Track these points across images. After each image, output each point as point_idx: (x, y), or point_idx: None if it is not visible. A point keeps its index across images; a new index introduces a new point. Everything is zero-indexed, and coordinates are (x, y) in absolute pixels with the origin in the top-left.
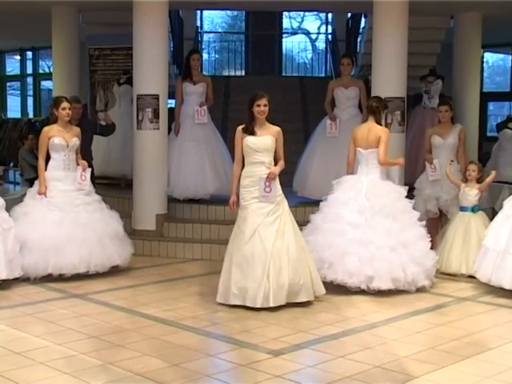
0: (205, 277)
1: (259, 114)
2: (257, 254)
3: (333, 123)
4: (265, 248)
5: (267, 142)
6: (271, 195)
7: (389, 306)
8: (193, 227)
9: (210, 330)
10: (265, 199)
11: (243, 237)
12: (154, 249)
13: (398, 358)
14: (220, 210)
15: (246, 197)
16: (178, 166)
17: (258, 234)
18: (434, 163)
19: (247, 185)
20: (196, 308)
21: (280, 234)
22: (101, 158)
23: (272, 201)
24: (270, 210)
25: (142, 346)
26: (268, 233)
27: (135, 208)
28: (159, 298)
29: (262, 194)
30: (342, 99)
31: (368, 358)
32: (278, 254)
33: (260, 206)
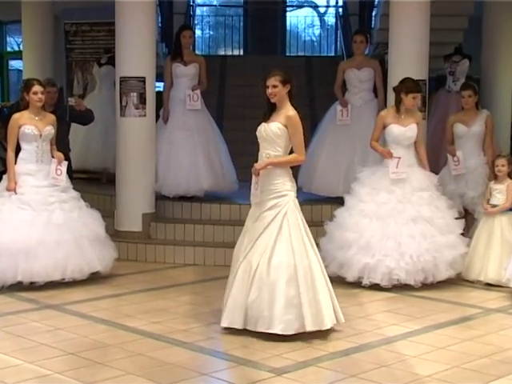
0: (198, 284)
1: (270, 97)
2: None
3: (344, 109)
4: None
5: (271, 130)
6: (257, 194)
7: (407, 317)
8: (184, 228)
9: (203, 346)
10: (252, 198)
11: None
12: (140, 253)
13: (419, 378)
14: (215, 209)
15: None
16: (168, 159)
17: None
18: (457, 155)
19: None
20: (188, 320)
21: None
22: (79, 149)
23: (257, 200)
24: (260, 213)
25: (126, 364)
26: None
27: (118, 206)
28: (146, 309)
29: (252, 192)
30: (354, 82)
31: (384, 377)
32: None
33: (255, 208)
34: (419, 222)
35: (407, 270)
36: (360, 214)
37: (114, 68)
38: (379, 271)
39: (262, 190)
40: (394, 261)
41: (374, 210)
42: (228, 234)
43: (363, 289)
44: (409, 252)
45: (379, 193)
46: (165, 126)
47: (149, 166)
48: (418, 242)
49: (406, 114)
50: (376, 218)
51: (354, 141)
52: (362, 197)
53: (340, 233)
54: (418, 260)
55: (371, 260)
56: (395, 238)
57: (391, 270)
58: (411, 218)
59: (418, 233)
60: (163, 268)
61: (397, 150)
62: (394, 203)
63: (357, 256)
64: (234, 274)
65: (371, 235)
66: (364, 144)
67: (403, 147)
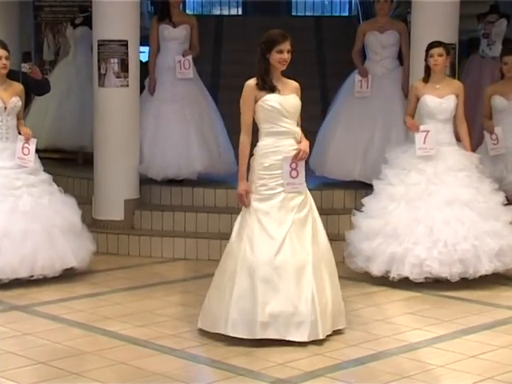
0: (189, 282)
1: (280, 64)
2: (293, 265)
3: (363, 80)
4: (303, 258)
5: (297, 103)
6: (299, 182)
7: (433, 321)
8: (173, 217)
9: (196, 353)
10: (291, 188)
11: (272, 242)
12: (122, 245)
13: None
14: (209, 194)
15: (271, 183)
16: (155, 137)
17: (290, 238)
18: (495, 133)
19: (272, 166)
20: (178, 324)
21: (315, 238)
22: (50, 124)
23: (299, 190)
24: (299, 203)
25: (105, 375)
26: (303, 236)
27: (97, 191)
28: (129, 311)
29: (286, 181)
30: (375, 47)
31: None
32: (318, 265)
33: (287, 197)
34: (455, 206)
35: (441, 261)
36: (388, 199)
37: (90, 30)
38: (408, 262)
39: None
40: (424, 249)
41: (402, 193)
42: (224, 224)
43: (382, 287)
44: (442, 239)
45: (409, 173)
46: (151, 98)
47: (132, 145)
48: (454, 228)
49: (443, 84)
50: (404, 201)
51: (374, 116)
52: (390, 179)
53: (366, 222)
54: (453, 249)
55: (399, 249)
56: (426, 223)
57: (422, 261)
58: (445, 201)
59: (453, 218)
60: (149, 263)
61: (431, 125)
62: (425, 184)
63: (383, 245)
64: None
65: (398, 220)
66: (386, 120)
67: (438, 122)
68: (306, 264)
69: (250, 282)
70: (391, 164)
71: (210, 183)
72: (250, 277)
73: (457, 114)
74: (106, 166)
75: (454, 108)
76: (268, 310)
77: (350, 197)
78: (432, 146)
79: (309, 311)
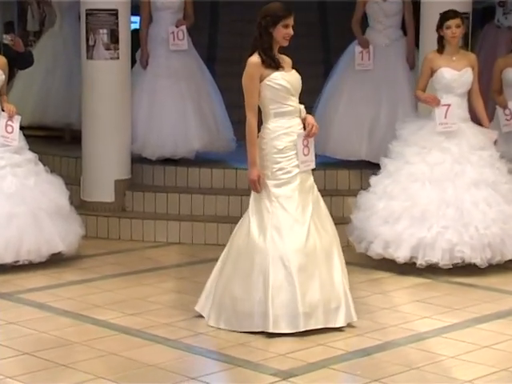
0: (184, 268)
1: (285, 40)
2: (322, 249)
3: (364, 51)
4: (327, 240)
5: (299, 79)
6: (311, 159)
7: (443, 309)
8: (167, 198)
9: (191, 343)
10: (304, 167)
11: (300, 227)
12: (113, 229)
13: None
14: (205, 174)
15: (287, 167)
16: (149, 113)
17: (313, 221)
18: (509, 107)
19: (286, 148)
20: (172, 312)
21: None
22: (35, 100)
23: (312, 166)
24: (312, 183)
25: (95, 366)
26: (321, 217)
27: (85, 171)
28: (120, 299)
29: (300, 159)
30: (378, 16)
31: (414, 383)
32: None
33: (303, 179)
34: (482, 187)
35: (472, 246)
36: (409, 179)
37: None
38: (438, 247)
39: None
40: (456, 234)
41: (426, 173)
42: (221, 206)
43: (389, 273)
44: (473, 223)
45: (430, 152)
46: (143, 72)
47: (123, 122)
48: (483, 210)
49: (459, 56)
50: (430, 181)
51: (378, 90)
52: (408, 158)
53: (384, 203)
54: (484, 233)
55: (428, 234)
56: (456, 205)
57: (453, 246)
58: (473, 182)
59: (481, 200)
60: (141, 247)
61: (448, 100)
62: (449, 163)
63: (409, 230)
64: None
65: (427, 202)
66: (391, 94)
67: (456, 96)
68: (332, 246)
69: (286, 272)
70: (407, 141)
71: (206, 163)
72: (284, 267)
73: (472, 88)
74: (95, 144)
75: (471, 82)
76: (308, 299)
77: (355, 177)
78: (454, 121)
79: (341, 294)
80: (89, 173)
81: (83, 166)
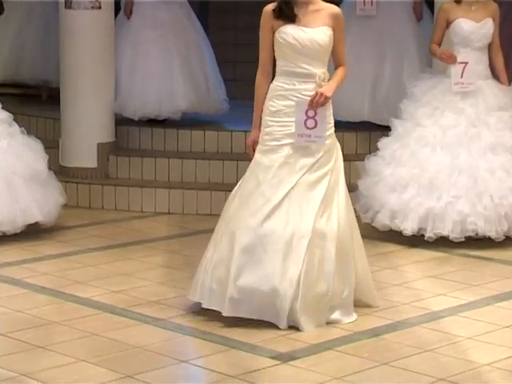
0: (174, 240)
1: None
2: (284, 236)
3: None
4: (299, 229)
5: (321, 38)
6: (317, 134)
7: (460, 285)
8: (155, 164)
9: (182, 323)
10: (304, 141)
11: (264, 203)
12: (96, 197)
13: (476, 367)
14: (198, 137)
15: (277, 133)
16: (132, 69)
17: (288, 204)
18: None
19: (280, 112)
20: (161, 289)
21: (327, 206)
22: (8, 54)
23: (318, 144)
24: (314, 162)
25: (76, 348)
26: (306, 203)
27: (65, 134)
28: (103, 274)
29: (299, 131)
30: None
31: (427, 365)
32: (319, 241)
33: (297, 153)
34: (499, 152)
35: (486, 217)
36: (418, 143)
37: None
38: (449, 218)
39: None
40: (468, 204)
41: (438, 137)
42: (215, 172)
43: (400, 246)
44: (488, 192)
45: (444, 113)
46: (128, 23)
47: (106, 78)
48: (500, 178)
49: (478, 5)
50: (441, 146)
51: (382, 42)
52: (419, 120)
53: (392, 169)
54: (500, 203)
55: (437, 203)
56: (469, 173)
57: (465, 217)
58: (489, 147)
59: (498, 166)
60: (127, 218)
61: (466, 54)
62: (464, 126)
63: (417, 199)
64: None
65: (437, 170)
66: (396, 48)
67: (475, 50)
68: (301, 238)
69: (229, 249)
70: (418, 101)
71: (199, 124)
72: (230, 241)
73: (493, 42)
74: (75, 104)
75: (492, 34)
76: (241, 283)
77: (362, 140)
78: (471, 80)
79: (289, 296)
80: (68, 135)
81: (62, 128)
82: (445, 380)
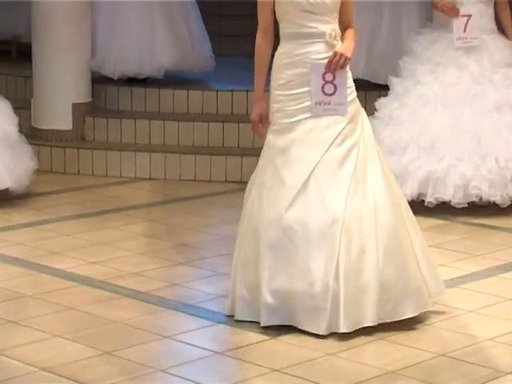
0: (156, 208)
1: None
2: (312, 224)
3: None
4: (330, 213)
5: None
6: (337, 101)
7: (461, 255)
8: (135, 125)
9: (164, 296)
10: (323, 110)
11: (285, 190)
12: (71, 162)
13: (478, 342)
14: (181, 97)
15: (289, 108)
16: (111, 23)
17: (314, 185)
18: None
19: (290, 83)
20: (142, 260)
21: (359, 183)
22: None
23: (340, 112)
24: (337, 134)
25: (51, 323)
26: (335, 183)
27: (37, 93)
28: (80, 244)
29: (316, 98)
30: None
31: (426, 340)
32: (355, 223)
33: (317, 127)
34: (505, 112)
35: (491, 181)
36: (418, 102)
37: None
38: (451, 182)
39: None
40: (471, 167)
41: (439, 95)
42: (200, 134)
43: None
44: (493, 154)
45: (446, 69)
46: None
47: (81, 33)
48: (506, 139)
49: None
50: (443, 105)
51: None
52: (419, 77)
53: (390, 131)
54: (506, 166)
55: (438, 166)
56: (473, 133)
57: (468, 181)
58: (494, 106)
59: (504, 126)
60: (105, 184)
61: (469, 6)
62: (467, 84)
63: (417, 162)
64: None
65: (438, 130)
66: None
67: (479, 3)
68: (332, 223)
69: (254, 248)
70: (418, 58)
71: (182, 83)
72: (255, 241)
73: None
74: (47, 61)
75: None
76: (274, 287)
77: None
78: (475, 34)
79: (328, 293)
80: (41, 95)
81: (34, 87)
82: (445, 356)
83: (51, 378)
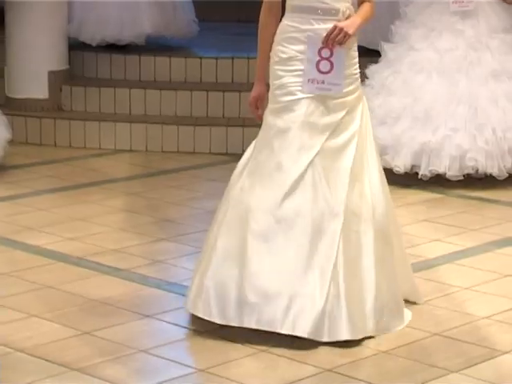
0: (136, 181)
1: None
2: (310, 217)
3: None
4: (330, 207)
5: None
6: (332, 81)
7: (456, 230)
8: (115, 95)
9: (146, 274)
10: (315, 88)
11: (282, 177)
12: (47, 133)
13: (473, 321)
14: (163, 65)
15: (291, 85)
16: None
17: (313, 175)
18: None
19: (293, 59)
20: (122, 235)
21: (357, 179)
22: None
23: (334, 93)
24: (337, 122)
25: (27, 302)
26: (335, 175)
27: (10, 60)
28: (57, 219)
29: (309, 75)
30: None
31: (421, 319)
32: (354, 223)
33: (317, 110)
34: (503, 80)
35: (488, 152)
36: (412, 70)
37: None
38: (446, 154)
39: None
40: (467, 137)
41: (433, 62)
42: (183, 104)
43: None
44: (490, 124)
45: (441, 35)
46: None
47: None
48: (503, 108)
49: None
50: (437, 73)
51: None
52: (413, 43)
53: (381, 100)
54: (503, 136)
55: (433, 137)
56: (469, 102)
57: (464, 152)
58: (491, 74)
59: (502, 95)
60: (83, 156)
61: None
62: (463, 50)
63: (410, 132)
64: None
65: (432, 99)
66: None
67: None
68: (332, 218)
69: (239, 240)
70: (411, 22)
71: (164, 50)
72: (241, 230)
73: None
74: (21, 25)
75: None
76: (257, 283)
77: None
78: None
79: (322, 296)
80: (15, 62)
81: (8, 54)
82: (440, 335)
83: (27, 360)
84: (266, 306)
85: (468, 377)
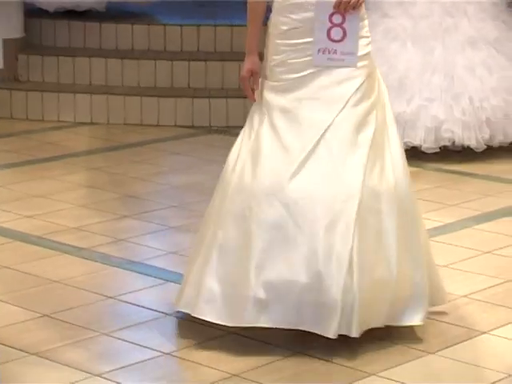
0: (98, 156)
1: None
2: (322, 199)
3: None
4: (344, 187)
5: None
6: (346, 50)
7: (434, 205)
8: (74, 64)
9: (108, 253)
10: (327, 59)
11: (285, 157)
12: (3, 105)
13: (452, 300)
14: (125, 32)
15: (295, 61)
16: None
17: (325, 152)
18: None
19: (297, 30)
20: (83, 213)
21: (377, 155)
22: None
23: (348, 64)
24: (354, 91)
25: None
26: (351, 150)
27: None
28: (14, 196)
29: (320, 44)
30: None
31: None
32: (373, 204)
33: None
34: (480, 47)
35: (465, 123)
36: (386, 37)
37: None
38: (421, 125)
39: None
40: (443, 107)
41: (408, 29)
42: (146, 73)
43: None
44: (467, 93)
45: (415, 1)
46: None
47: None
48: (481, 77)
49: None
50: (412, 40)
51: None
52: (386, 10)
53: None
54: (480, 106)
55: (407, 108)
56: (445, 71)
57: (440, 123)
58: (468, 41)
59: (479, 63)
60: (41, 129)
61: None
62: (438, 16)
63: None
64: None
65: (407, 67)
66: None
67: None
68: (347, 200)
69: (243, 229)
70: None
71: (126, 17)
72: (243, 220)
73: None
74: None
75: None
76: (267, 278)
77: None
78: None
79: (339, 285)
80: None
81: None
82: None
83: None
84: (279, 302)
85: (445, 358)
